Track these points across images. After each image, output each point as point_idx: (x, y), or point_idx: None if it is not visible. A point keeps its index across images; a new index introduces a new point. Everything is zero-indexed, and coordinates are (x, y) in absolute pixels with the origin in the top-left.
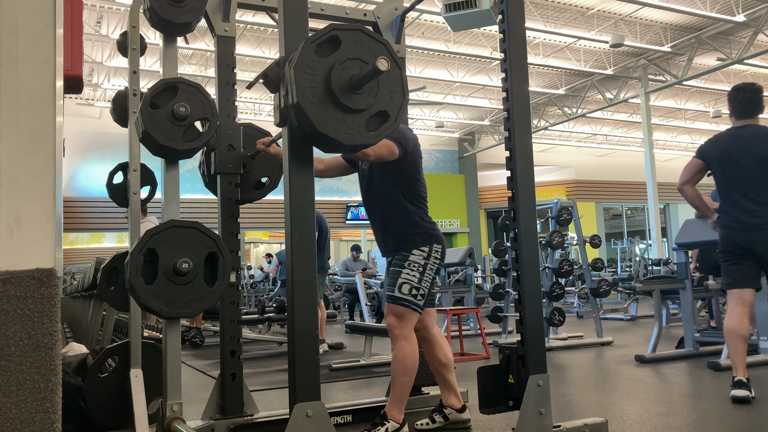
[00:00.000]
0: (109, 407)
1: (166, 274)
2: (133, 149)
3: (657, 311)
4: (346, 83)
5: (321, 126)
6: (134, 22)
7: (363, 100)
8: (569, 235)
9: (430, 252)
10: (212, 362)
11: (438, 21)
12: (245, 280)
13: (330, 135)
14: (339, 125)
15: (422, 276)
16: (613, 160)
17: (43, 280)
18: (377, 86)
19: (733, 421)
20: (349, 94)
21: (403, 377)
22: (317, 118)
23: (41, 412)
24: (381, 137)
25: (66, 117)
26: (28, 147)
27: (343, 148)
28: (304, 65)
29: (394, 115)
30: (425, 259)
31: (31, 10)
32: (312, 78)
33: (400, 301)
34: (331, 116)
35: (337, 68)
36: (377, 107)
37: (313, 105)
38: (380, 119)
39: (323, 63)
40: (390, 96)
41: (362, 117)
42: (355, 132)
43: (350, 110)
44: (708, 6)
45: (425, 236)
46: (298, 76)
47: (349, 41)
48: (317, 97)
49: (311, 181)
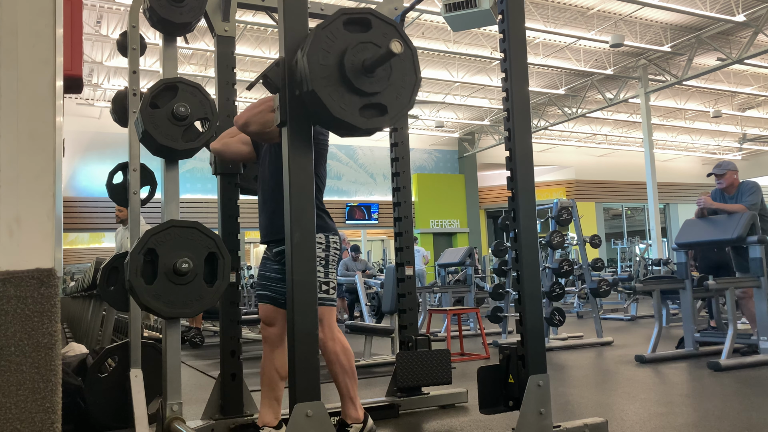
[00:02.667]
0: (109, 407)
1: (166, 274)
2: (133, 149)
3: (657, 311)
4: (359, 67)
5: (336, 111)
6: (134, 22)
7: (376, 84)
8: (569, 235)
9: (328, 243)
10: (212, 362)
11: (438, 21)
12: (245, 280)
13: (346, 119)
14: (353, 108)
15: (327, 269)
16: (613, 160)
17: (43, 280)
18: (390, 69)
19: (733, 421)
20: (363, 78)
21: (345, 376)
22: (332, 102)
23: (41, 412)
24: (396, 121)
25: (66, 117)
26: (28, 147)
27: (359, 132)
28: (316, 52)
29: (407, 99)
30: (325, 251)
31: (31, 10)
32: (325, 64)
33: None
34: (346, 100)
35: (350, 52)
36: (391, 90)
37: (327, 89)
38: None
39: (335, 47)
40: (402, 78)
41: (376, 100)
42: (369, 116)
43: (364, 94)
44: (708, 6)
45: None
46: (311, 62)
47: (361, 25)
48: (331, 81)
49: (311, 181)
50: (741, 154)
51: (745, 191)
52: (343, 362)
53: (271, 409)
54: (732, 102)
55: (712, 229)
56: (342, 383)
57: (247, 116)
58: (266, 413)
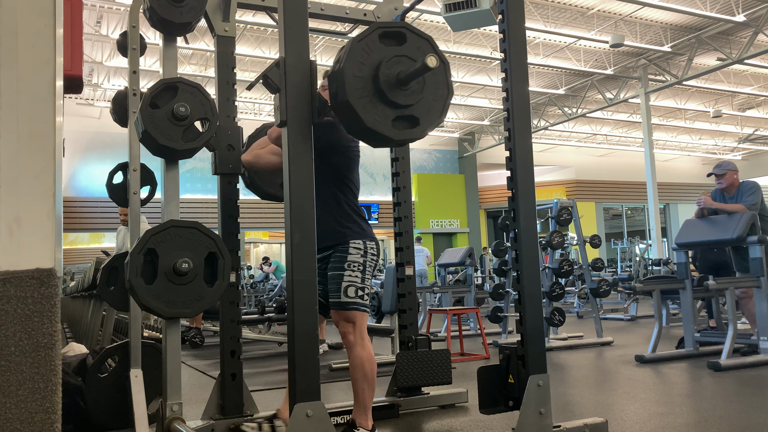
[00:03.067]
0: (109, 407)
1: (166, 274)
2: (133, 149)
3: (657, 311)
4: (393, 79)
5: (369, 122)
6: (134, 22)
7: (409, 96)
8: (569, 235)
9: (366, 249)
10: (212, 362)
11: (438, 21)
12: (245, 280)
13: (378, 130)
14: (385, 120)
15: (364, 275)
16: (613, 160)
17: (43, 280)
18: (423, 82)
19: (733, 421)
20: (396, 91)
21: (365, 383)
22: (365, 113)
23: (41, 412)
24: (426, 133)
25: (66, 117)
26: (28, 147)
27: (391, 143)
28: (352, 64)
29: (439, 111)
30: (363, 257)
31: (31, 10)
32: (360, 76)
33: (350, 306)
34: (380, 112)
35: (385, 65)
36: (423, 103)
37: (361, 101)
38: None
39: (371, 60)
40: (435, 91)
41: (409, 112)
42: (401, 127)
43: (397, 106)
44: (708, 6)
45: (358, 231)
46: (347, 74)
47: (396, 39)
48: (365, 93)
49: (311, 181)
50: (741, 154)
51: (745, 191)
52: (366, 370)
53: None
54: (732, 102)
55: (712, 229)
56: (360, 390)
57: (250, 160)
58: (287, 408)
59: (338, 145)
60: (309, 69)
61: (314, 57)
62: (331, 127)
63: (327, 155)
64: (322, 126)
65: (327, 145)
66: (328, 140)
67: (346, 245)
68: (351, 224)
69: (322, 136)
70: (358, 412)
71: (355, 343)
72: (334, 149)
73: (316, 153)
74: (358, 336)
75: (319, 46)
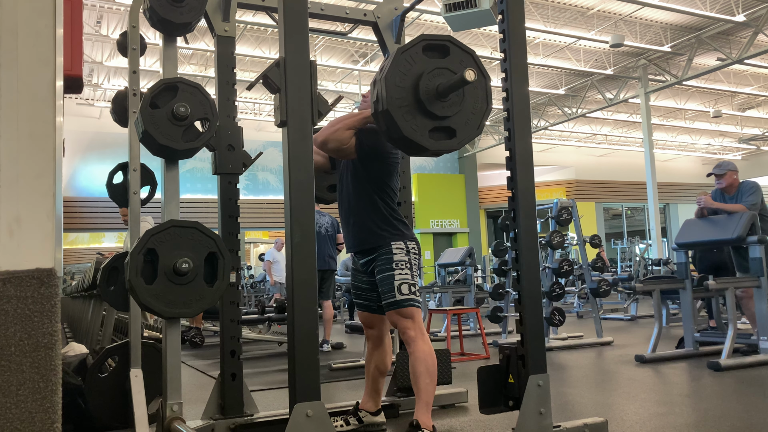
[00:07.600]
0: (109, 407)
1: (166, 274)
2: (133, 149)
3: (657, 311)
4: (433, 91)
5: (407, 131)
6: (134, 22)
7: (448, 108)
8: (569, 235)
9: (408, 249)
10: (212, 362)
11: (438, 21)
12: (245, 280)
13: (415, 140)
14: (423, 130)
15: (412, 272)
16: (613, 160)
17: (43, 280)
18: (462, 95)
19: (733, 421)
20: (435, 102)
21: (428, 378)
22: (404, 123)
23: (41, 412)
24: (463, 144)
25: (66, 117)
26: (28, 147)
27: (427, 153)
28: (394, 75)
29: (476, 125)
30: (407, 255)
31: (31, 10)
32: (401, 86)
33: (406, 302)
34: (418, 122)
35: (426, 77)
36: (461, 115)
37: (401, 110)
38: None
39: (413, 71)
40: (474, 104)
41: (446, 124)
42: (438, 138)
43: (435, 117)
44: (708, 6)
45: (398, 233)
46: (389, 84)
47: (440, 51)
48: (405, 102)
49: (311, 181)
50: (741, 154)
51: (745, 191)
52: (429, 363)
53: (371, 399)
54: (732, 102)
55: (712, 229)
56: (423, 384)
57: (325, 135)
58: (367, 401)
59: (380, 152)
60: (309, 69)
61: (314, 57)
62: (375, 134)
63: (368, 161)
64: (366, 132)
65: (370, 151)
66: (371, 146)
67: (388, 247)
68: (390, 228)
69: (366, 141)
70: (420, 410)
71: (417, 338)
72: (376, 156)
73: (357, 159)
74: (419, 331)
75: (319, 46)
